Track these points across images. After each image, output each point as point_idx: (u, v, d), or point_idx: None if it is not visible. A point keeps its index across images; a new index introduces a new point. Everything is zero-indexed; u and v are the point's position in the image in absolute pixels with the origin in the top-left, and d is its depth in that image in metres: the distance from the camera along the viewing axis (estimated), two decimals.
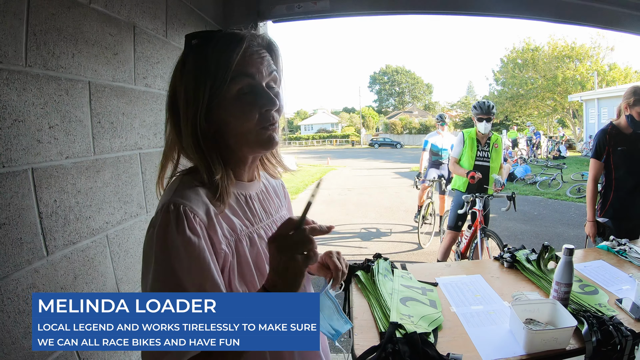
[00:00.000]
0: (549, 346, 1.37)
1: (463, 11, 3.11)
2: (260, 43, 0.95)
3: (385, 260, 2.08)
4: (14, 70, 1.17)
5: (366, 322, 1.60)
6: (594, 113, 22.58)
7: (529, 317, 1.51)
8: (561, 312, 1.48)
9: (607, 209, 3.17)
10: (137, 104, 1.78)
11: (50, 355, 1.28)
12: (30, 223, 1.23)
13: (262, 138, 0.94)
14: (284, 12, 2.95)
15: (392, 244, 6.91)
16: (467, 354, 1.36)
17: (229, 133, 0.94)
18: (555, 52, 30.93)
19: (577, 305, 1.66)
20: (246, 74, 0.91)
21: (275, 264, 0.82)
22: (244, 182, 1.04)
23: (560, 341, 1.38)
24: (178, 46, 2.13)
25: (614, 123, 3.18)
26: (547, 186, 12.57)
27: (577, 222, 8.12)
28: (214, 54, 0.89)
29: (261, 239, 1.00)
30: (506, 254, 2.21)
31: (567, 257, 1.58)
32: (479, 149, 4.37)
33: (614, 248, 2.36)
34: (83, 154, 1.46)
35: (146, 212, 1.85)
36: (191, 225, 0.85)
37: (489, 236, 4.19)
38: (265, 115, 0.93)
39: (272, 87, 0.95)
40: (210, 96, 0.89)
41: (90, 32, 1.49)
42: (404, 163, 23.27)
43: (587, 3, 3.00)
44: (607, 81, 28.46)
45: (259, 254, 0.98)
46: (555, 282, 1.62)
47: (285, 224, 0.82)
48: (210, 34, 0.93)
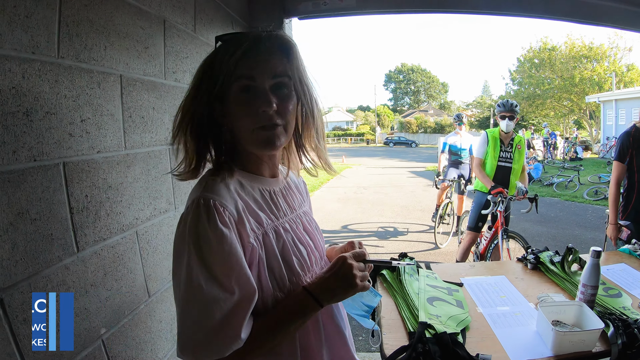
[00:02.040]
0: (576, 348, 1.38)
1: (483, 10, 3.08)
2: (268, 46, 0.97)
3: (411, 260, 2.07)
4: (46, 62, 1.14)
5: (394, 321, 1.60)
6: (612, 114, 22.34)
7: (555, 318, 1.52)
8: (588, 314, 1.48)
9: (629, 211, 3.14)
10: (166, 98, 1.76)
11: (78, 354, 1.26)
12: (61, 218, 1.20)
13: (259, 138, 0.98)
14: (310, 9, 2.91)
15: (409, 243, 6.88)
16: (495, 355, 1.37)
17: (236, 131, 1.00)
18: (573, 52, 30.61)
19: (602, 308, 1.66)
20: (246, 76, 0.95)
21: (334, 271, 0.98)
22: (267, 178, 1.09)
23: (587, 343, 1.39)
24: (206, 41, 2.10)
25: (638, 125, 3.14)
26: (564, 188, 12.44)
27: (594, 225, 8.04)
28: (223, 55, 0.95)
29: (287, 232, 1.05)
30: (530, 255, 2.21)
31: (594, 259, 1.59)
32: (502, 149, 4.31)
33: (636, 251, 2.35)
34: (114, 148, 1.44)
35: (175, 208, 1.82)
36: (222, 218, 0.90)
37: (512, 237, 4.12)
38: (262, 116, 0.95)
39: (280, 88, 0.98)
40: (216, 95, 0.96)
41: (121, 25, 1.46)
42: (419, 162, 23.13)
43: (604, 2, 2.93)
44: (625, 82, 28.10)
45: (285, 245, 1.02)
46: (582, 284, 1.63)
47: (360, 253, 1.03)
48: (230, 37, 0.99)
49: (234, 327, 0.88)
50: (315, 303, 0.95)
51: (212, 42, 2.17)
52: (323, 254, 1.18)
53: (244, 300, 0.89)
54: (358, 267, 0.98)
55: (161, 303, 1.73)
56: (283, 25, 2.85)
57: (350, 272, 0.96)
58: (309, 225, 1.15)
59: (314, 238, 1.14)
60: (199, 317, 0.87)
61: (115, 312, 1.43)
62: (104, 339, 1.36)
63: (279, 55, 0.98)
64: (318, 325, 1.07)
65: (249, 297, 0.90)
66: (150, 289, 1.65)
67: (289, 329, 0.96)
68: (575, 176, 13.01)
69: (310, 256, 1.08)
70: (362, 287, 0.98)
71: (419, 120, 56.85)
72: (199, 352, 0.88)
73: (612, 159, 3.29)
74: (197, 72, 1.00)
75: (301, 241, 1.07)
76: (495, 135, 4.30)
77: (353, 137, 56.13)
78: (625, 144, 3.11)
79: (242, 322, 0.89)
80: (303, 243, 1.08)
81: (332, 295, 0.97)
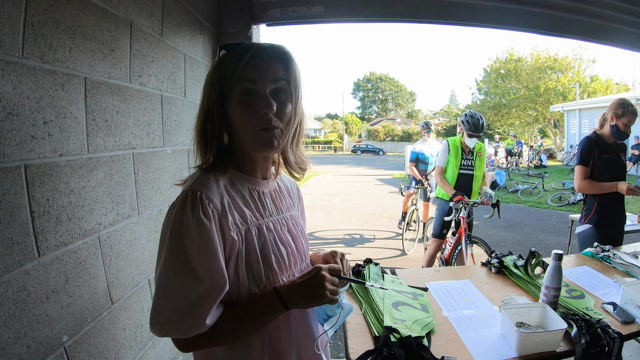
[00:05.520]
0: (540, 348, 1.41)
1: (451, 21, 3.16)
2: (270, 54, 1.04)
3: (375, 266, 2.10)
4: (10, 62, 1.12)
5: (359, 326, 1.60)
6: (575, 123, 23.21)
7: (519, 320, 1.56)
8: (551, 315, 1.52)
9: (591, 215, 3.24)
10: (131, 102, 1.74)
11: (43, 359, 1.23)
12: (22, 222, 1.17)
13: (259, 139, 1.03)
14: (278, 16, 2.93)
15: (376, 250, 6.92)
16: (460, 357, 1.39)
17: (236, 132, 1.06)
18: (538, 63, 31.54)
19: (566, 309, 1.72)
20: (248, 80, 1.01)
21: (306, 279, 1.01)
22: (258, 179, 1.14)
23: (551, 343, 1.42)
24: (173, 46, 2.09)
25: (597, 132, 3.27)
26: (528, 194, 12.86)
27: (558, 230, 8.31)
28: (228, 61, 1.02)
29: (269, 230, 1.10)
30: (494, 259, 2.26)
31: (556, 262, 1.64)
32: (463, 157, 4.42)
33: (598, 254, 2.45)
34: (77, 152, 1.41)
35: (138, 214, 1.79)
36: (205, 210, 0.96)
37: (475, 243, 4.23)
38: (263, 118, 1.01)
39: (278, 93, 1.04)
40: (220, 98, 1.03)
41: (87, 26, 1.44)
42: (386, 170, 23.40)
43: (568, 15, 3.09)
44: (588, 92, 29.17)
45: (265, 243, 1.07)
46: (545, 286, 1.67)
47: (337, 268, 1.06)
48: (234, 46, 1.06)
49: (200, 312, 0.94)
50: (282, 305, 1.00)
51: (179, 47, 2.16)
52: (305, 258, 1.23)
53: (213, 289, 0.95)
54: (331, 280, 1.03)
55: (125, 310, 1.69)
56: (251, 31, 2.86)
57: (322, 283, 1.00)
58: (294, 229, 1.20)
59: (297, 241, 1.19)
60: (169, 298, 0.95)
61: (77, 319, 1.40)
62: (66, 346, 1.32)
63: (279, 63, 1.05)
64: (289, 323, 1.11)
65: (218, 288, 0.96)
66: (113, 296, 1.62)
67: (253, 324, 1.01)
68: (539, 183, 13.49)
69: (290, 257, 1.13)
70: (329, 300, 1.02)
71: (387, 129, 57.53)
72: (165, 329, 0.95)
73: (575, 165, 3.37)
74: (205, 83, 1.07)
75: (282, 241, 1.12)
76: (457, 145, 4.41)
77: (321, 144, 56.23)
78: (586, 149, 3.21)
79: (208, 309, 0.95)
80: (284, 243, 1.13)
81: (299, 301, 1.02)
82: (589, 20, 3.12)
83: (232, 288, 1.01)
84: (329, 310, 1.15)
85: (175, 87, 2.15)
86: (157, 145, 1.98)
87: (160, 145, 2.01)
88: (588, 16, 3.10)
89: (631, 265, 2.24)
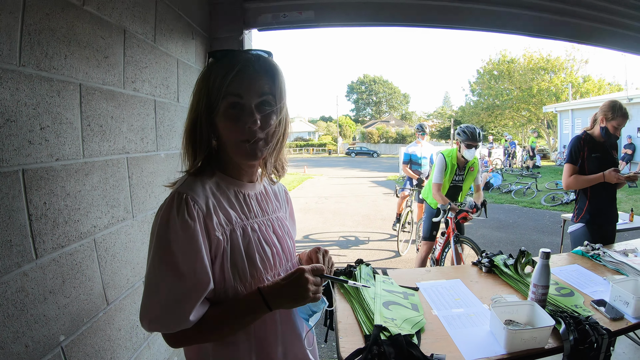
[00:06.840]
0: (528, 345, 1.43)
1: (443, 24, 3.19)
2: (257, 68, 1.08)
3: (367, 266, 2.12)
4: (7, 69, 1.15)
5: (350, 325, 1.62)
6: (568, 124, 23.33)
7: (508, 318, 1.58)
8: (539, 312, 1.54)
9: (583, 214, 3.27)
10: (125, 108, 1.77)
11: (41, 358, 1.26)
12: (20, 225, 1.21)
13: (243, 150, 1.09)
14: (270, 21, 2.96)
15: (370, 252, 6.96)
16: (450, 355, 1.41)
17: (223, 141, 1.12)
18: (531, 64, 31.64)
19: (554, 307, 1.74)
20: (235, 94, 1.06)
21: (290, 280, 1.05)
22: (244, 183, 1.20)
23: (539, 340, 1.44)
24: (165, 51, 2.12)
25: (588, 132, 3.31)
26: (522, 195, 12.95)
27: (551, 229, 8.40)
28: (216, 73, 1.07)
29: (254, 231, 1.15)
30: (484, 259, 2.29)
31: (543, 260, 1.66)
32: (457, 174, 4.46)
33: (588, 252, 2.48)
34: (73, 156, 1.45)
35: (132, 216, 1.82)
36: (190, 211, 1.02)
37: (463, 242, 4.29)
38: (248, 131, 1.07)
39: (263, 107, 1.09)
40: (208, 108, 1.08)
41: (82, 34, 1.48)
42: (380, 172, 23.48)
43: (561, 18, 3.13)
44: (581, 93, 29.28)
45: (250, 243, 1.12)
46: (533, 284, 1.69)
47: (319, 268, 1.10)
48: (221, 54, 1.10)
49: (184, 308, 0.99)
50: (265, 305, 1.05)
51: (172, 53, 2.20)
52: (291, 257, 1.28)
53: (196, 286, 1.00)
54: (314, 281, 1.07)
55: (120, 311, 1.72)
56: (243, 36, 2.89)
57: (305, 285, 1.05)
58: (280, 230, 1.25)
59: (283, 241, 1.23)
60: (156, 294, 1.00)
61: (74, 320, 1.43)
62: (63, 346, 1.35)
63: (264, 77, 1.09)
64: (275, 322, 1.16)
65: (201, 285, 1.01)
66: (108, 297, 1.65)
67: (236, 323, 1.06)
68: (532, 183, 13.59)
69: (275, 257, 1.17)
70: (312, 299, 1.07)
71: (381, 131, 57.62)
72: (153, 324, 1.01)
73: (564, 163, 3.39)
74: (194, 90, 1.11)
75: (267, 242, 1.17)
76: (454, 162, 4.42)
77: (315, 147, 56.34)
78: (576, 148, 3.26)
79: (192, 306, 1.00)
80: (269, 244, 1.17)
81: (282, 302, 1.07)
82: (578, 22, 3.16)
83: (218, 286, 1.06)
84: (314, 307, 1.20)
85: (168, 92, 2.18)
86: (151, 150, 2.01)
87: (154, 150, 2.04)
88: (577, 18, 3.15)
89: (621, 263, 2.27)
